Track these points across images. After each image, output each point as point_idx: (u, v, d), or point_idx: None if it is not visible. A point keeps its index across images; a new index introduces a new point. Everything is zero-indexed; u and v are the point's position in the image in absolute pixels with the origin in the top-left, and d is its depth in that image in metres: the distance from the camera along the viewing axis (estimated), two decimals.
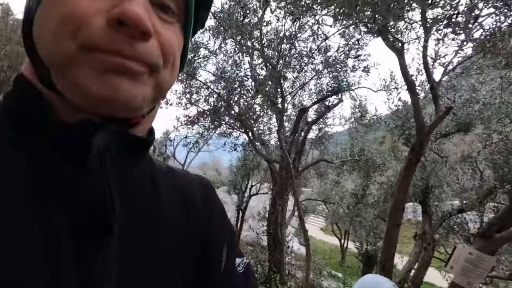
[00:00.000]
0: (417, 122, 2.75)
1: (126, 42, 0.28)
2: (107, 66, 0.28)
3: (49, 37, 0.29)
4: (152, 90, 0.32)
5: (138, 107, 0.31)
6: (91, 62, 0.28)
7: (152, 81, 0.31)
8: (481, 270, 2.64)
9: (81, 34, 0.28)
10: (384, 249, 2.97)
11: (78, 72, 0.28)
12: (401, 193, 2.88)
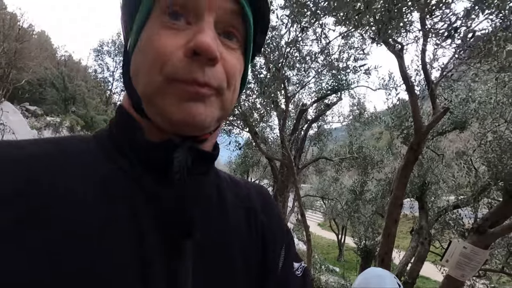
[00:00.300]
0: (415, 122, 2.84)
1: (199, 70, 0.35)
2: (185, 95, 0.35)
3: (143, 74, 0.37)
4: (218, 110, 0.38)
5: (208, 127, 0.38)
6: (174, 91, 0.35)
7: (218, 102, 0.38)
8: (475, 263, 2.76)
9: (166, 68, 0.35)
10: (383, 244, 3.09)
11: (164, 101, 0.36)
12: (399, 190, 2.99)
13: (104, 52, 16.33)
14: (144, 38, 0.37)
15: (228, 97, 0.39)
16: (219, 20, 0.37)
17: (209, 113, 0.37)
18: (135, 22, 0.38)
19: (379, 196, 5.98)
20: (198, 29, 0.35)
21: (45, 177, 0.33)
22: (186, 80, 0.35)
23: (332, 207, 8.70)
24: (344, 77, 4.60)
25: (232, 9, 0.37)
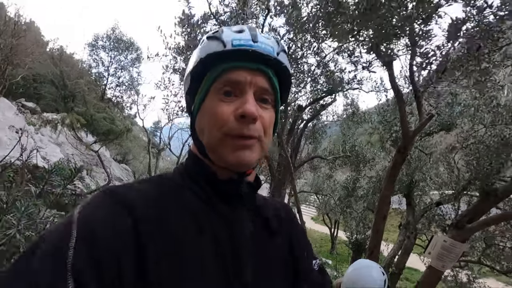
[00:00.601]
0: (403, 128, 3.10)
1: (245, 127, 0.52)
2: (237, 147, 0.52)
3: (207, 131, 0.55)
4: (259, 153, 0.55)
5: (252, 165, 0.55)
6: (229, 144, 0.52)
7: (259, 147, 0.55)
8: (454, 255, 3.07)
9: (223, 128, 0.52)
10: (372, 238, 3.37)
11: (223, 150, 0.53)
12: (388, 190, 3.26)
13: (99, 46, 16.33)
14: (207, 107, 0.55)
15: (265, 142, 0.56)
16: (256, 92, 0.54)
17: (253, 157, 0.54)
18: (198, 96, 0.58)
19: (370, 192, 6.28)
20: (244, 100, 0.52)
21: (153, 214, 0.48)
22: (237, 135, 0.52)
23: (325, 202, 9.03)
24: (338, 79, 4.81)
25: (265, 86, 0.55)
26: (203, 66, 0.55)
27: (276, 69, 0.56)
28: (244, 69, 0.53)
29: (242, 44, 0.52)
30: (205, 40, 0.57)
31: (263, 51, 0.53)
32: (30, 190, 2.33)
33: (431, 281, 3.15)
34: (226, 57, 0.53)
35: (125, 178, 14.19)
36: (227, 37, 0.53)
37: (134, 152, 19.25)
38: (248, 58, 0.53)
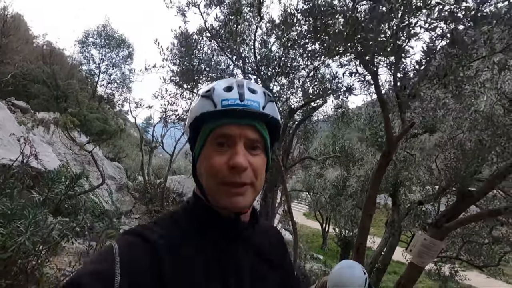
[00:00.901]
0: (387, 133, 3.30)
1: (237, 176, 0.59)
2: (231, 194, 0.60)
3: (204, 178, 0.63)
4: (252, 196, 0.63)
5: (247, 207, 0.64)
6: (224, 191, 0.60)
7: (251, 191, 0.63)
8: (433, 252, 3.30)
9: (217, 177, 0.60)
10: (358, 236, 3.58)
11: (218, 196, 0.61)
12: (374, 190, 3.47)
13: (89, 43, 16.09)
14: (204, 155, 0.63)
15: (257, 185, 0.64)
16: (246, 142, 0.62)
17: (246, 201, 0.62)
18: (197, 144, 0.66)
19: (359, 191, 6.54)
20: (234, 152, 0.60)
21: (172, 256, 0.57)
22: (230, 183, 0.60)
23: (316, 200, 9.29)
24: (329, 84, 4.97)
25: (254, 136, 0.62)
26: (199, 121, 0.63)
27: (264, 120, 0.64)
28: (234, 124, 0.61)
29: (230, 104, 0.60)
30: (200, 97, 0.65)
31: (249, 109, 0.60)
32: (34, 197, 2.44)
33: (412, 277, 3.38)
34: (217, 116, 0.61)
35: (117, 176, 14.16)
36: (217, 97, 0.61)
37: (127, 150, 19.17)
38: (236, 115, 0.60)
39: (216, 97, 0.61)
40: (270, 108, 0.64)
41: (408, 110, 2.59)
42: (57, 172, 2.57)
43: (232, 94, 0.61)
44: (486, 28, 1.79)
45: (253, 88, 0.64)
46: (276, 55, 3.26)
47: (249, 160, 0.61)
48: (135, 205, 13.94)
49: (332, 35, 2.23)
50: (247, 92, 0.62)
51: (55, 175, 2.51)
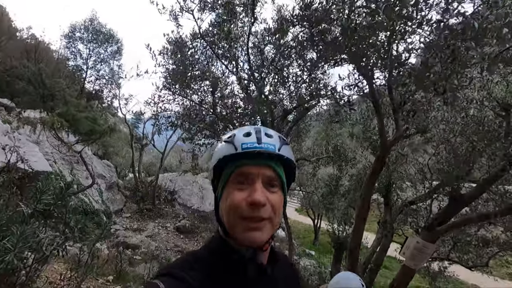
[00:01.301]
0: (381, 138, 3.31)
1: (256, 211, 0.65)
2: (250, 228, 0.66)
3: (226, 215, 0.69)
4: (270, 231, 0.69)
5: (265, 242, 0.68)
6: (243, 226, 0.66)
7: (270, 226, 0.68)
8: (425, 254, 3.36)
9: (238, 211, 0.66)
10: (352, 239, 3.62)
11: (237, 231, 0.67)
12: (368, 195, 3.49)
13: (76, 38, 15.57)
14: (225, 194, 0.70)
15: (276, 221, 0.69)
16: (264, 180, 0.68)
17: (264, 236, 0.67)
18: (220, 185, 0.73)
19: (352, 190, 6.59)
20: (253, 189, 0.66)
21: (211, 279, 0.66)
22: (250, 218, 0.65)
23: (309, 199, 9.34)
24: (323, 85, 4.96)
25: (271, 175, 0.69)
26: (221, 163, 0.71)
27: (280, 160, 0.71)
28: (253, 165, 0.68)
29: (249, 147, 0.67)
30: (223, 143, 0.73)
31: (266, 150, 0.67)
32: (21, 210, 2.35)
33: (405, 279, 3.45)
34: (238, 157, 0.68)
35: (107, 175, 13.93)
36: (237, 142, 0.69)
37: (116, 147, 18.83)
38: (254, 156, 0.67)
39: (236, 142, 0.69)
40: (285, 150, 0.71)
41: (402, 115, 2.58)
42: (46, 181, 2.47)
43: (251, 139, 0.69)
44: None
45: (269, 133, 0.72)
46: (271, 63, 3.22)
47: (267, 197, 0.67)
48: (126, 204, 13.76)
49: (329, 43, 2.20)
50: (264, 136, 0.70)
51: (44, 185, 2.41)
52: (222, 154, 0.70)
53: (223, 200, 0.70)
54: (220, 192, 0.72)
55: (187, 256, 0.74)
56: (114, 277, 4.46)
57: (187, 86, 3.34)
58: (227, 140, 0.71)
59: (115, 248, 9.07)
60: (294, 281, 0.88)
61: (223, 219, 0.70)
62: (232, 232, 0.68)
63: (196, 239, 12.27)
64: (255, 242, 0.66)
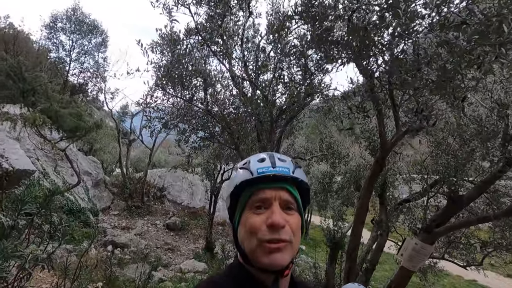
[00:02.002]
0: (381, 139, 3.25)
1: (276, 233, 0.65)
2: (270, 250, 0.65)
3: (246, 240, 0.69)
4: (291, 254, 0.68)
5: (285, 265, 0.67)
6: (264, 249, 0.65)
7: (290, 248, 0.67)
8: (423, 256, 3.34)
9: (258, 235, 0.66)
10: (351, 242, 3.57)
11: (258, 254, 0.66)
12: (366, 197, 3.44)
13: (58, 28, 14.79)
14: (244, 220, 0.71)
15: (295, 243, 0.69)
16: (281, 203, 0.69)
17: (285, 259, 0.66)
18: (237, 212, 0.74)
19: (345, 186, 6.59)
20: (271, 212, 0.67)
21: None
22: (270, 240, 0.65)
23: None
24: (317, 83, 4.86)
25: (287, 199, 0.70)
26: (239, 189, 0.72)
27: (294, 183, 0.72)
28: (269, 188, 0.69)
29: (264, 171, 0.70)
30: (238, 170, 0.75)
31: (280, 173, 0.70)
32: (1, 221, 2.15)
33: (403, 281, 3.43)
34: (255, 182, 0.70)
35: (93, 172, 13.52)
36: (253, 168, 0.71)
37: (102, 142, 18.28)
38: (270, 180, 0.69)
39: (252, 167, 0.72)
40: (298, 173, 0.73)
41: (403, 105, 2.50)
42: (28, 190, 2.26)
43: (265, 163, 0.72)
44: None
45: (282, 158, 0.74)
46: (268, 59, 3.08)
47: (285, 219, 0.67)
48: (114, 201, 13.42)
49: (334, 41, 2.08)
50: (277, 161, 0.72)
51: (26, 194, 2.21)
52: (239, 180, 0.71)
53: (241, 225, 0.71)
54: (238, 219, 0.73)
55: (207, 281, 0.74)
56: (103, 283, 4.28)
57: (179, 83, 3.16)
58: (243, 167, 0.73)
59: (103, 248, 8.83)
60: None
61: (243, 245, 0.70)
62: (252, 257, 0.67)
63: (187, 236, 12.13)
64: (277, 264, 0.65)
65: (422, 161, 4.05)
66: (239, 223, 0.73)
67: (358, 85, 2.24)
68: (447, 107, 2.47)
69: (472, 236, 4.61)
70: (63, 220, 2.70)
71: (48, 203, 2.41)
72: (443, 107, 3.58)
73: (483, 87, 3.03)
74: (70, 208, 9.30)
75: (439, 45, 1.45)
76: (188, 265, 8.45)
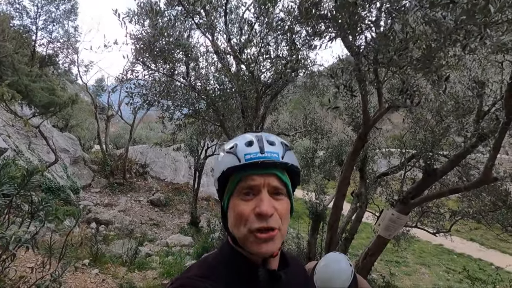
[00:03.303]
0: (364, 116, 3.31)
1: (264, 221, 0.65)
2: (260, 240, 0.66)
3: (235, 226, 0.69)
4: (280, 240, 0.69)
5: (275, 251, 0.69)
6: (253, 238, 0.66)
7: (279, 236, 0.68)
8: (398, 225, 3.57)
9: (247, 224, 0.66)
10: (332, 214, 3.74)
11: (249, 244, 0.67)
12: (348, 172, 3.57)
13: None
14: (232, 205, 0.70)
15: (283, 230, 0.70)
16: (270, 189, 0.68)
17: (275, 246, 0.68)
18: (225, 196, 0.73)
19: (327, 162, 6.78)
20: (260, 199, 0.66)
21: (224, 282, 0.67)
22: (259, 229, 0.65)
23: None
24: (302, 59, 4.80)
25: (276, 184, 0.69)
26: (226, 175, 0.70)
27: (284, 168, 0.70)
28: (257, 175, 0.67)
29: (252, 158, 0.67)
30: (225, 153, 0.72)
31: (269, 160, 0.67)
32: None
33: (379, 248, 3.68)
34: (242, 168, 0.68)
35: (71, 149, 13.05)
36: (240, 153, 0.68)
37: (78, 117, 17.49)
38: (258, 166, 0.67)
39: (239, 153, 0.68)
40: (288, 156, 0.71)
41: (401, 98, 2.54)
42: (4, 171, 2.17)
43: (253, 149, 0.68)
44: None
45: (271, 141, 0.71)
46: (252, 31, 2.96)
47: (274, 206, 0.67)
48: (95, 179, 13.15)
49: (323, 16, 2.03)
50: (266, 145, 0.69)
51: (2, 175, 2.12)
52: (226, 167, 0.69)
53: (230, 210, 0.70)
54: (227, 203, 0.72)
55: (200, 263, 0.75)
56: (90, 260, 4.30)
57: (161, 57, 3.00)
58: (229, 151, 0.70)
59: (86, 225, 8.76)
60: (307, 284, 0.93)
61: (233, 231, 0.70)
62: (243, 244, 0.68)
63: (171, 211, 12.23)
64: (268, 253, 0.67)
65: (401, 137, 4.21)
66: (228, 207, 0.72)
67: (345, 63, 2.22)
68: (427, 84, 2.52)
69: (442, 206, 4.97)
70: (44, 200, 2.63)
71: (27, 184, 2.33)
72: (423, 84, 3.68)
73: (463, 65, 3.11)
74: (48, 186, 9.04)
75: (427, 23, 1.46)
76: (174, 239, 8.62)
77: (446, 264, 8.41)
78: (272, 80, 4.68)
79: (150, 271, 4.91)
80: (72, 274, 3.81)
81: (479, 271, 4.22)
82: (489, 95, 3.33)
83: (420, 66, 1.78)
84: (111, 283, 4.00)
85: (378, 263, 8.63)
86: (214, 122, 3.77)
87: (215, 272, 0.70)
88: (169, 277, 4.78)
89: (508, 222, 3.75)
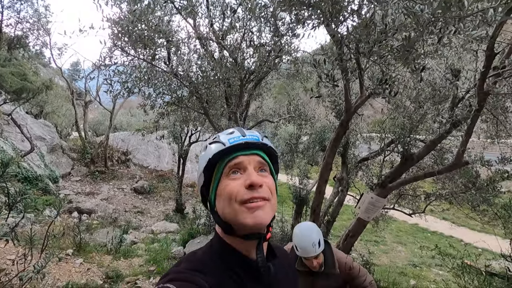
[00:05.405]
0: (346, 103, 3.38)
1: (255, 192, 0.69)
2: (252, 209, 0.68)
3: (226, 207, 0.70)
4: (271, 211, 0.71)
5: (268, 222, 0.70)
6: (244, 209, 0.68)
7: (269, 206, 0.71)
8: (377, 208, 3.74)
9: (237, 198, 0.68)
10: (315, 199, 3.86)
11: (241, 216, 0.68)
12: (330, 157, 3.66)
13: None
14: (222, 188, 0.72)
15: (273, 201, 0.73)
16: (256, 166, 0.73)
17: (266, 216, 0.69)
18: (212, 185, 0.75)
19: (311, 147, 6.90)
20: (249, 174, 0.71)
21: (215, 275, 0.68)
22: (250, 199, 0.68)
23: None
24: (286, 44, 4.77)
25: (260, 161, 0.74)
26: (212, 163, 0.74)
27: (264, 149, 0.77)
28: (242, 155, 0.73)
29: (236, 140, 0.73)
30: (208, 145, 0.77)
31: (252, 140, 0.74)
32: None
33: (359, 229, 3.87)
34: (228, 152, 0.73)
35: (47, 136, 12.53)
36: (224, 139, 0.74)
37: (53, 104, 16.69)
38: (242, 147, 0.73)
39: (223, 139, 0.74)
40: (266, 141, 0.78)
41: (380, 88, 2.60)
42: None
43: (235, 134, 0.76)
44: None
45: (250, 129, 0.80)
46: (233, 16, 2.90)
47: (262, 180, 0.71)
48: (74, 167, 12.77)
49: (306, 3, 2.02)
50: (246, 131, 0.77)
51: None
52: (212, 153, 0.73)
53: (219, 197, 0.72)
54: (214, 195, 0.74)
55: (190, 257, 0.75)
56: (74, 250, 4.25)
57: (141, 42, 2.90)
58: (213, 141, 0.76)
59: (68, 214, 8.58)
60: (293, 276, 0.92)
61: (224, 215, 0.71)
62: (235, 222, 0.69)
63: (156, 198, 12.16)
64: (260, 222, 0.68)
65: (381, 122, 4.34)
66: (215, 199, 0.74)
67: (328, 51, 2.24)
68: (406, 72, 2.59)
69: (418, 188, 5.24)
70: (21, 191, 2.55)
71: (2, 174, 2.25)
72: (403, 73, 3.77)
73: (440, 54, 3.21)
74: (25, 176, 8.72)
75: (405, 15, 1.49)
76: (160, 226, 8.62)
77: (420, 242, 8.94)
78: (256, 66, 4.65)
79: (136, 258, 4.93)
80: (56, 264, 3.76)
81: (450, 247, 4.53)
82: (464, 83, 3.47)
83: (400, 56, 1.82)
84: (97, 272, 4.00)
85: (358, 243, 9.04)
86: (197, 110, 3.73)
87: (206, 266, 0.70)
88: (155, 264, 4.83)
89: (477, 202, 4.02)
